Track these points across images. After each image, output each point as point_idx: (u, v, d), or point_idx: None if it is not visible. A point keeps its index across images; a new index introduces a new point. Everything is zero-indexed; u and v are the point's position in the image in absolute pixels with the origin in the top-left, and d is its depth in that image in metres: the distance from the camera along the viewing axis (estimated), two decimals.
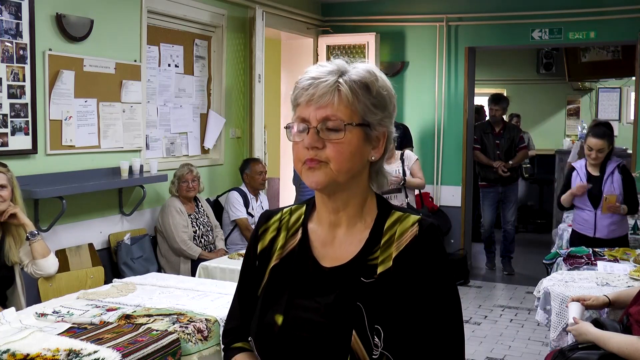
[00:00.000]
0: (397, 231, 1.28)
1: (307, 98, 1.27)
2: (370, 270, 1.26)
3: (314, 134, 1.25)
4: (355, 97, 1.25)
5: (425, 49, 6.84)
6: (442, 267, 1.26)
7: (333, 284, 1.28)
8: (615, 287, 3.24)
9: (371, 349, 1.21)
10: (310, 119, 1.26)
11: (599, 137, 4.36)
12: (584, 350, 2.58)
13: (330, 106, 1.24)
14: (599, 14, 6.22)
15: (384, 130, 1.30)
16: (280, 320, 1.28)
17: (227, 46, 5.72)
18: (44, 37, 3.97)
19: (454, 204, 6.85)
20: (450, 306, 1.27)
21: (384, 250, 1.27)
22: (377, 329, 1.21)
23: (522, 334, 5.07)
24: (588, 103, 10.59)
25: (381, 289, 1.24)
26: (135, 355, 2.30)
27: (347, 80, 1.25)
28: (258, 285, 1.37)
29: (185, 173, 4.77)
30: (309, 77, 1.28)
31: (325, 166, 1.25)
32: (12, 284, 3.29)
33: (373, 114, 1.27)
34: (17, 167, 3.80)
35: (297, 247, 1.34)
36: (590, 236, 4.41)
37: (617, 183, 4.37)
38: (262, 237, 1.40)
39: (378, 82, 1.28)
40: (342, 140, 1.24)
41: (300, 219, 1.38)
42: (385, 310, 1.22)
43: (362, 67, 1.29)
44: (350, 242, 1.31)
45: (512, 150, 6.87)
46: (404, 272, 1.24)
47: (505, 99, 7.15)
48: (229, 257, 4.27)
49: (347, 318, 1.23)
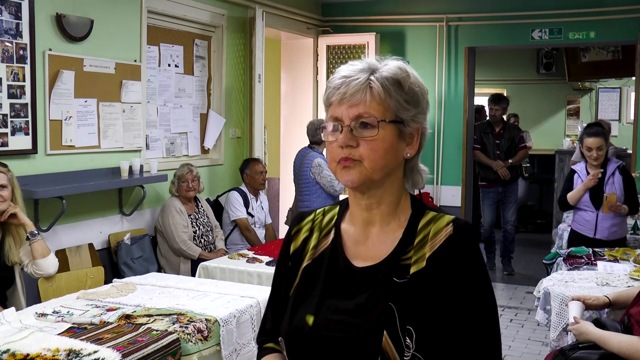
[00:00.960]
0: (431, 231, 1.26)
1: (339, 97, 1.26)
2: (403, 270, 1.25)
3: (347, 133, 1.24)
4: (387, 93, 1.24)
5: (425, 49, 6.84)
6: (477, 268, 1.24)
7: (365, 284, 1.27)
8: (615, 287, 3.24)
9: (402, 350, 1.19)
10: (343, 118, 1.25)
11: (594, 135, 4.39)
12: (584, 350, 2.58)
13: (362, 104, 1.24)
14: (599, 14, 6.22)
15: (417, 126, 1.29)
16: (311, 321, 1.27)
17: (227, 46, 5.72)
18: (44, 37, 3.97)
19: (454, 204, 6.86)
20: (487, 308, 1.24)
21: (417, 250, 1.25)
22: (408, 329, 1.19)
23: (522, 334, 5.07)
24: (588, 103, 10.59)
25: (414, 289, 1.22)
26: (135, 355, 2.30)
27: (378, 78, 1.24)
28: (290, 285, 1.36)
29: (185, 173, 4.77)
30: (341, 76, 1.27)
31: (360, 164, 1.24)
32: (12, 284, 3.29)
33: (406, 110, 1.26)
34: (17, 167, 3.80)
35: (330, 247, 1.34)
36: (590, 237, 4.41)
37: (618, 184, 4.38)
38: (294, 238, 1.40)
39: (410, 78, 1.27)
40: (375, 138, 1.23)
41: (333, 220, 1.37)
42: (418, 311, 1.21)
43: (393, 64, 1.28)
44: (383, 241, 1.29)
45: (512, 150, 6.87)
46: (437, 273, 1.22)
47: (505, 98, 7.15)
48: (229, 257, 4.26)
49: (378, 318, 1.22)
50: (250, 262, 4.05)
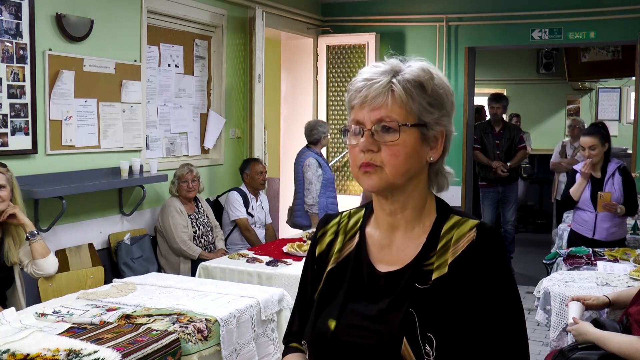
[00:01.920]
0: (454, 236, 1.23)
1: (360, 100, 1.23)
2: (425, 276, 1.22)
3: (368, 137, 1.22)
4: (409, 96, 1.21)
5: (425, 49, 6.84)
6: (501, 274, 1.20)
7: (388, 289, 1.25)
8: (615, 287, 3.24)
9: (422, 357, 1.16)
10: (365, 121, 1.23)
11: (588, 134, 4.43)
12: (583, 351, 2.58)
13: (384, 107, 1.21)
14: (599, 14, 6.22)
15: (441, 129, 1.26)
16: (333, 325, 1.26)
17: (227, 46, 5.72)
18: (44, 37, 3.97)
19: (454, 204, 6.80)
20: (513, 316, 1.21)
21: (439, 255, 1.23)
22: (429, 337, 1.17)
23: None
24: (588, 103, 10.59)
25: (435, 295, 1.20)
26: (135, 355, 2.30)
27: (400, 80, 1.22)
28: (316, 289, 1.35)
29: (185, 173, 4.77)
30: (362, 78, 1.25)
31: (381, 170, 1.22)
32: (12, 284, 3.29)
33: (429, 113, 1.24)
34: (17, 167, 3.80)
35: (354, 251, 1.32)
36: (589, 237, 4.41)
37: (617, 185, 4.38)
38: (320, 241, 1.39)
39: (434, 80, 1.24)
40: (397, 142, 1.21)
41: (358, 223, 1.36)
42: (439, 318, 1.18)
43: (416, 65, 1.25)
44: (407, 246, 1.27)
45: (512, 150, 6.87)
46: (459, 279, 1.20)
47: (506, 97, 7.16)
48: (229, 257, 4.26)
49: (398, 325, 1.19)
50: (250, 262, 4.05)
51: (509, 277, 1.22)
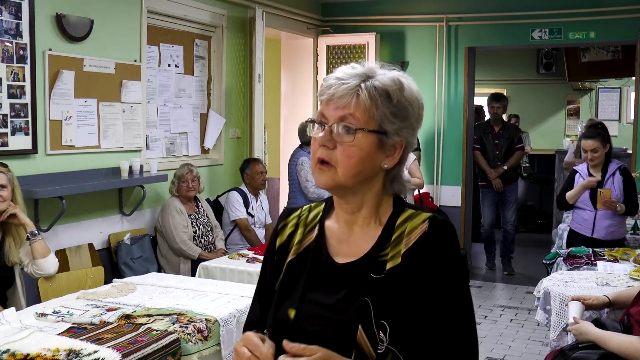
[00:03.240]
0: (407, 228, 1.29)
1: (327, 97, 1.29)
2: (380, 266, 1.28)
3: (327, 133, 1.28)
4: (373, 103, 1.26)
5: (425, 49, 6.84)
6: (453, 264, 1.26)
7: (345, 279, 1.30)
8: (615, 287, 3.24)
9: (376, 343, 1.22)
10: (329, 117, 1.29)
11: (590, 137, 4.44)
12: (584, 350, 2.58)
13: (347, 108, 1.26)
14: (599, 14, 6.22)
15: (401, 140, 1.30)
16: (292, 315, 1.31)
17: (227, 46, 5.72)
18: (44, 37, 3.97)
19: (454, 204, 6.85)
20: (462, 304, 1.27)
21: (393, 246, 1.29)
22: (382, 324, 1.23)
23: (522, 334, 5.07)
24: (588, 103, 10.59)
25: (389, 284, 1.26)
26: (135, 355, 2.30)
27: (368, 86, 1.26)
28: (276, 279, 1.40)
29: (185, 173, 4.77)
30: (335, 76, 1.30)
31: (334, 171, 1.27)
32: (12, 284, 3.29)
33: (391, 123, 1.28)
34: (17, 167, 3.80)
35: (314, 243, 1.37)
36: (587, 236, 4.41)
37: (617, 185, 4.39)
38: (281, 233, 1.44)
39: (402, 91, 1.28)
40: (352, 144, 1.26)
41: (318, 216, 1.41)
42: (392, 306, 1.24)
43: (389, 74, 1.29)
44: (364, 239, 1.33)
45: (512, 150, 6.88)
46: (412, 269, 1.26)
47: (506, 97, 7.20)
48: (229, 257, 4.27)
49: (354, 313, 1.25)
50: (250, 262, 4.06)
51: (460, 267, 1.28)
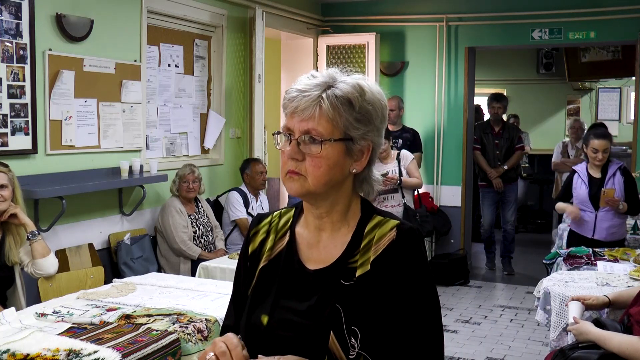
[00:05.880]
0: (376, 235, 1.31)
1: (291, 110, 1.30)
2: (350, 273, 1.29)
3: (294, 146, 1.29)
4: (336, 112, 1.27)
5: (425, 49, 6.84)
6: (420, 271, 1.28)
7: (316, 286, 1.31)
8: (615, 287, 3.25)
9: (348, 349, 1.24)
10: (294, 130, 1.29)
11: (602, 137, 4.37)
12: (584, 350, 2.58)
13: (311, 120, 1.27)
14: (599, 14, 6.22)
15: (367, 143, 1.32)
16: (265, 321, 1.32)
17: (227, 46, 5.72)
18: (44, 37, 3.97)
19: (454, 204, 6.85)
20: (429, 309, 1.29)
21: (363, 253, 1.30)
22: (354, 330, 1.24)
23: (522, 334, 5.07)
24: (588, 103, 10.59)
25: (359, 291, 1.27)
26: (135, 355, 2.30)
27: (330, 96, 1.27)
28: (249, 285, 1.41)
29: (186, 173, 4.77)
30: (296, 88, 1.30)
31: (304, 179, 1.29)
32: (12, 284, 3.29)
33: (356, 129, 1.29)
34: (17, 167, 3.80)
35: (285, 249, 1.38)
36: (588, 237, 4.40)
37: (618, 185, 4.37)
38: (252, 239, 1.45)
39: (364, 96, 1.29)
40: (320, 155, 1.27)
41: (288, 222, 1.42)
42: (363, 312, 1.26)
43: (350, 81, 1.30)
44: (334, 245, 1.34)
45: (512, 150, 6.87)
46: (381, 275, 1.27)
47: (506, 97, 7.18)
48: (229, 257, 4.27)
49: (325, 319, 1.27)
50: None
51: (427, 274, 1.30)
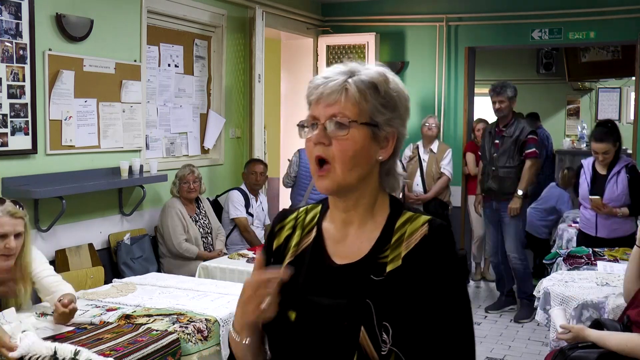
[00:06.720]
0: (407, 231, 1.31)
1: (316, 97, 1.31)
2: (380, 268, 1.29)
3: (321, 130, 1.29)
4: (362, 96, 1.28)
5: (425, 49, 6.84)
6: (452, 267, 1.29)
7: (344, 281, 1.31)
8: (615, 287, 3.25)
9: (379, 345, 1.23)
10: (320, 116, 1.30)
11: (600, 141, 4.34)
12: (583, 349, 2.59)
13: (337, 104, 1.28)
14: (599, 14, 6.22)
15: (393, 130, 1.32)
16: (293, 316, 1.31)
17: (227, 46, 5.72)
18: (44, 37, 3.97)
19: (454, 204, 6.83)
20: (460, 305, 1.29)
21: (393, 249, 1.30)
22: (385, 325, 1.24)
23: (522, 334, 5.07)
24: (588, 103, 10.59)
25: (390, 286, 1.27)
26: (135, 355, 2.30)
27: (355, 80, 1.29)
28: None
29: (186, 174, 4.76)
30: (321, 76, 1.32)
31: (333, 170, 1.29)
32: None
33: (381, 114, 1.30)
34: (17, 167, 3.81)
35: (312, 245, 1.38)
36: (592, 235, 4.38)
37: (621, 183, 4.30)
38: (277, 235, 1.44)
39: (388, 83, 1.31)
40: (346, 137, 1.28)
41: (315, 218, 1.42)
42: (394, 308, 1.25)
43: (373, 68, 1.33)
44: (361, 240, 1.34)
45: (515, 154, 5.27)
46: (413, 271, 1.27)
47: (510, 86, 5.33)
48: (229, 257, 4.27)
49: (356, 315, 1.26)
50: (250, 262, 4.05)
51: (459, 270, 1.31)
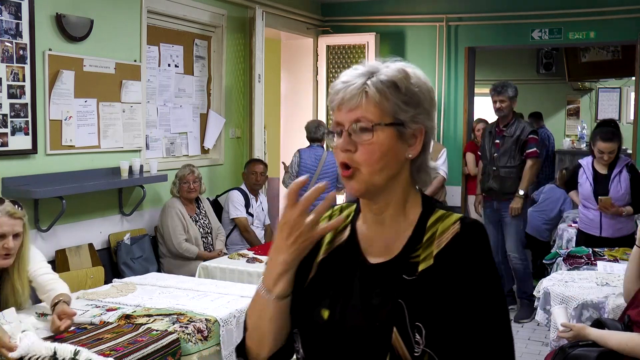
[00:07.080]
0: (438, 229, 1.29)
1: (338, 102, 1.29)
2: (412, 267, 1.27)
3: (346, 137, 1.27)
4: (383, 96, 1.26)
5: (425, 49, 6.84)
6: (485, 265, 1.26)
7: (377, 280, 1.30)
8: (615, 287, 3.25)
9: (412, 346, 1.21)
10: (343, 122, 1.28)
11: (608, 140, 4.32)
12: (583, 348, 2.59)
13: (359, 108, 1.26)
14: (599, 14, 6.22)
15: (419, 126, 1.29)
16: (326, 315, 1.30)
17: (227, 46, 5.72)
18: (44, 37, 3.97)
19: (454, 204, 6.84)
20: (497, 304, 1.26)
21: (425, 248, 1.28)
22: (418, 326, 1.22)
23: (522, 334, 5.07)
24: (588, 103, 10.59)
25: (422, 286, 1.25)
26: (135, 355, 2.30)
27: (374, 81, 1.26)
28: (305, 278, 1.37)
29: (186, 174, 4.76)
30: (341, 81, 1.30)
31: (359, 173, 1.27)
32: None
33: (405, 112, 1.27)
34: (17, 167, 3.81)
35: (345, 243, 1.36)
36: (596, 235, 4.37)
37: (624, 182, 4.31)
38: None
39: (409, 79, 1.28)
40: (372, 141, 1.25)
41: (349, 217, 1.40)
42: (427, 308, 1.23)
43: (393, 66, 1.30)
44: (394, 239, 1.32)
45: (516, 153, 5.27)
46: (445, 270, 1.25)
47: (511, 86, 5.33)
48: (229, 257, 4.27)
49: (388, 315, 1.24)
50: (250, 262, 4.06)
51: (493, 268, 1.28)
